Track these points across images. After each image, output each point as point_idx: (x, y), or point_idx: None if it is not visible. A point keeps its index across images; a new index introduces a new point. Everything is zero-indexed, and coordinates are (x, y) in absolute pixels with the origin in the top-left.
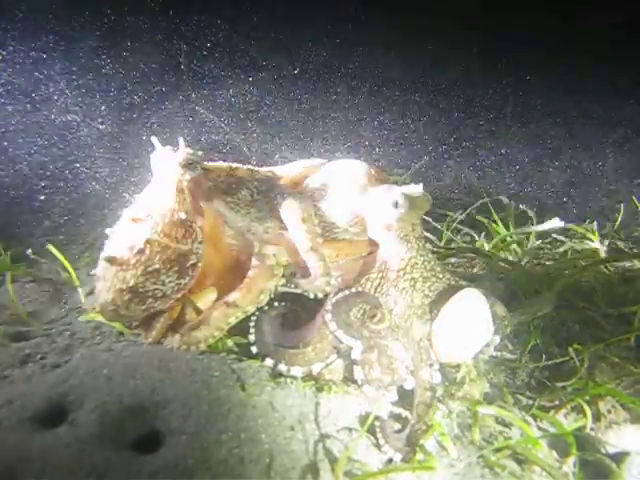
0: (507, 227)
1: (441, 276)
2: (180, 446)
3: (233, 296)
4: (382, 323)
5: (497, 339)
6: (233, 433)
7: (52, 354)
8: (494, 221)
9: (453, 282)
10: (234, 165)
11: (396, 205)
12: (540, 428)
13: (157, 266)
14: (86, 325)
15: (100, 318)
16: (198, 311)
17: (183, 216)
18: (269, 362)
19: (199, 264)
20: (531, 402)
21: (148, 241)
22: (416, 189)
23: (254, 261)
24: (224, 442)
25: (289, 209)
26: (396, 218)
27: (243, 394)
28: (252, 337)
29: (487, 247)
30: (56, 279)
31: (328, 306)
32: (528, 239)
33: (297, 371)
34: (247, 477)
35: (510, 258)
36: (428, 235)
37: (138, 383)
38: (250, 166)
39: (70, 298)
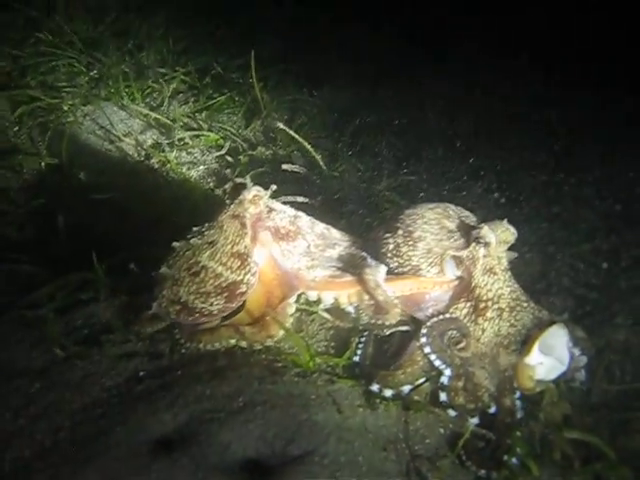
0: None
1: (525, 305)
2: (287, 473)
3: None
4: (466, 351)
5: (584, 359)
6: (334, 457)
7: None
8: None
9: (537, 312)
10: (297, 213)
11: (484, 243)
12: (620, 451)
13: (209, 290)
14: None
15: None
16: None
17: (242, 249)
18: (365, 384)
19: (248, 291)
20: (606, 421)
21: (204, 267)
22: (501, 224)
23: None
24: (326, 466)
25: (372, 278)
26: (484, 254)
27: (339, 417)
28: (356, 358)
29: None
30: None
31: (423, 330)
32: None
33: (388, 392)
34: None
35: None
36: None
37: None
38: (311, 218)
39: None
